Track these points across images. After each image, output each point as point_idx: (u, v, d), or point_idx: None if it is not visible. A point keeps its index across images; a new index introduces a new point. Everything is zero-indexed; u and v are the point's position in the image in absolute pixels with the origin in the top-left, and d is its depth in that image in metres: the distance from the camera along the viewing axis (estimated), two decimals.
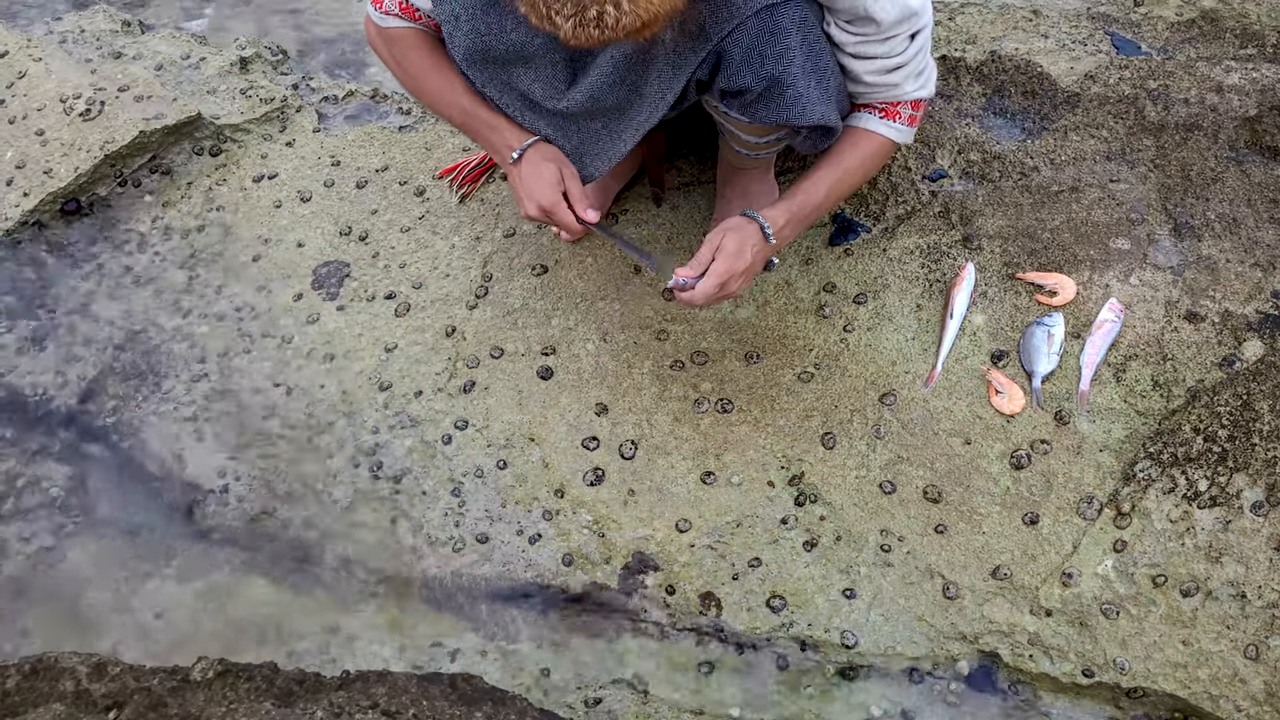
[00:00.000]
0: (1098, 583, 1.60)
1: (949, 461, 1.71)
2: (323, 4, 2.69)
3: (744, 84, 1.45)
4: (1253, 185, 1.89)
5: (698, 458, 1.77)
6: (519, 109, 1.59)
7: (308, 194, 2.16)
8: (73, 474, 1.87)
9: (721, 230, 1.55)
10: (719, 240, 1.54)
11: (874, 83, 1.53)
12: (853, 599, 1.65)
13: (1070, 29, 2.22)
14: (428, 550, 1.75)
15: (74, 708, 1.53)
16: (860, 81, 1.53)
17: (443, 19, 1.48)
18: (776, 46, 1.41)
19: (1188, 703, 1.52)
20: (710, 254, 1.53)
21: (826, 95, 1.49)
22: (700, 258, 1.54)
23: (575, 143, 1.60)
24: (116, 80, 2.28)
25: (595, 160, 1.62)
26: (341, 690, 1.56)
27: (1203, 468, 1.64)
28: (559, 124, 1.59)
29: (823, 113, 1.49)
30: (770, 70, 1.43)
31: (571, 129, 1.59)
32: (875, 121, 1.58)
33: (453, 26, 1.47)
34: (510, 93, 1.57)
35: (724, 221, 1.58)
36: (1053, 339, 1.75)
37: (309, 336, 1.97)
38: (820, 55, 1.47)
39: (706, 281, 1.52)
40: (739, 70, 1.43)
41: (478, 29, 1.45)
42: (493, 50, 1.48)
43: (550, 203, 1.58)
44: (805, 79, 1.45)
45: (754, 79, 1.44)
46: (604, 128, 1.57)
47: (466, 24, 1.45)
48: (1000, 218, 1.90)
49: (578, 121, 1.58)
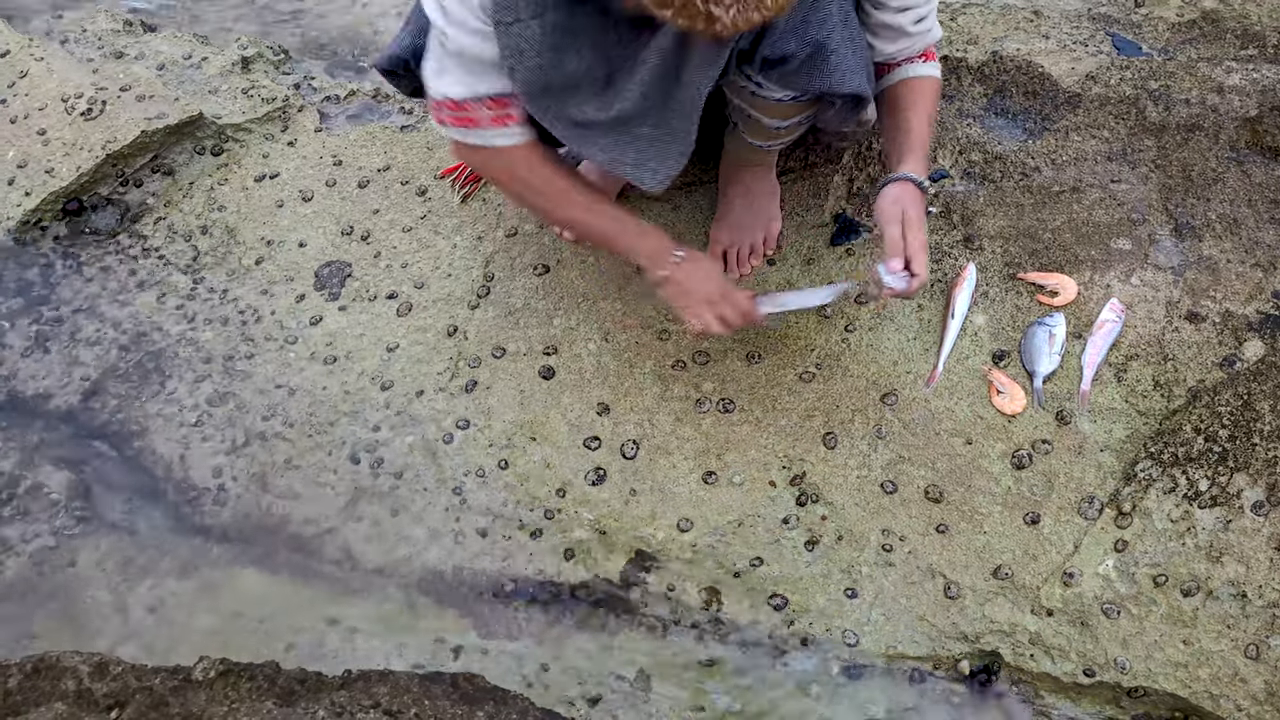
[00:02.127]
0: (1099, 582, 1.60)
1: (950, 461, 1.72)
2: (325, 4, 2.69)
3: (788, 50, 1.45)
4: (1253, 185, 1.89)
5: (699, 457, 1.77)
6: (575, 137, 1.56)
7: (309, 194, 2.16)
8: (74, 474, 1.87)
9: (895, 203, 1.55)
10: (899, 214, 1.54)
11: (915, 32, 1.57)
12: (854, 598, 1.65)
13: (1071, 30, 2.22)
14: (430, 547, 1.76)
15: (75, 707, 1.53)
16: (906, 35, 1.57)
17: (505, 51, 1.45)
18: (819, 13, 1.42)
19: (1188, 702, 1.52)
20: (899, 232, 1.54)
21: (861, 64, 1.51)
22: (892, 240, 1.54)
23: (634, 154, 1.57)
24: (118, 80, 2.28)
25: (661, 163, 1.58)
26: (343, 689, 1.56)
27: (1203, 468, 1.64)
28: (614, 139, 1.56)
29: (859, 82, 1.51)
30: (814, 35, 1.43)
31: (626, 141, 1.56)
32: (924, 67, 1.62)
33: (515, 60, 1.44)
34: (563, 122, 1.54)
35: (886, 192, 1.57)
36: (1054, 339, 1.75)
37: (311, 336, 1.97)
38: (854, 25, 1.51)
39: (919, 259, 1.53)
40: (783, 37, 1.44)
41: (540, 64, 1.44)
42: (552, 83, 1.47)
43: (721, 290, 1.62)
44: (845, 46, 1.47)
45: (798, 45, 1.44)
46: (654, 128, 1.54)
47: (532, 59, 1.43)
48: (1001, 218, 1.90)
49: (630, 131, 1.55)
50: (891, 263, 1.53)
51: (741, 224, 1.90)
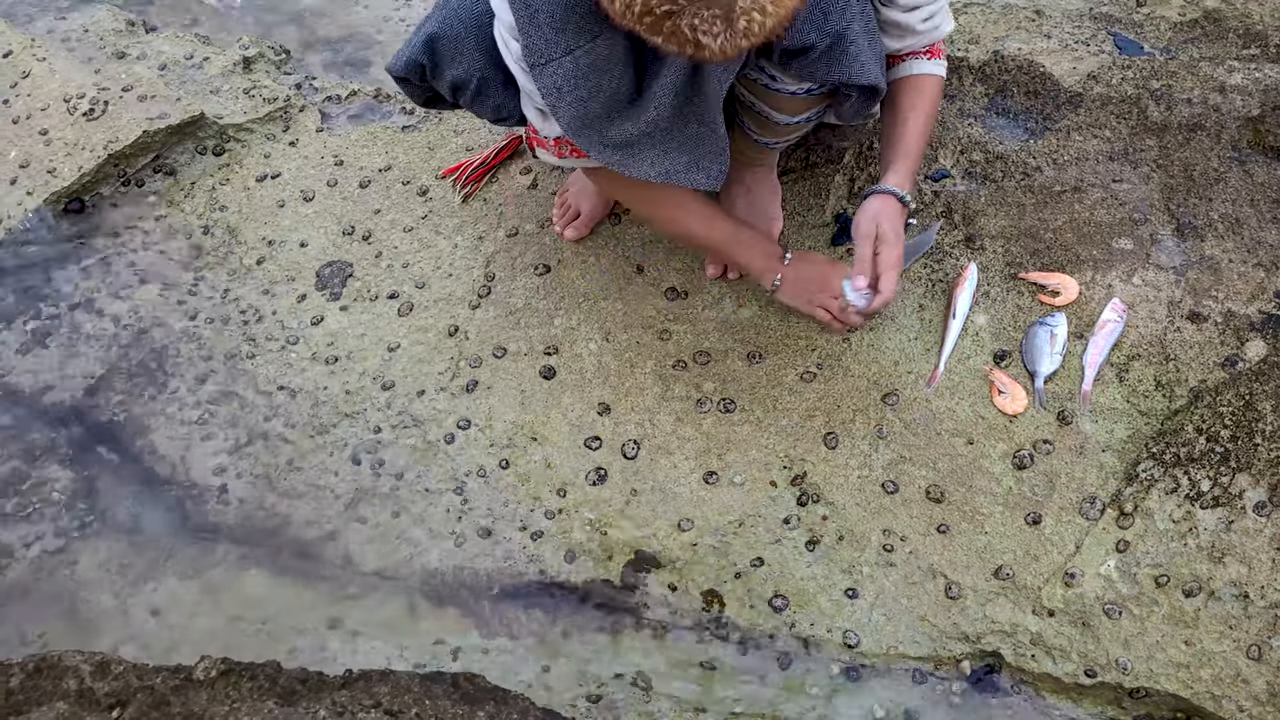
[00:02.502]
0: (1100, 583, 1.60)
1: (951, 461, 1.71)
2: (326, 4, 2.69)
3: (809, 40, 1.45)
4: (1255, 185, 1.89)
5: (700, 457, 1.77)
6: (623, 160, 1.54)
7: (311, 194, 2.16)
8: (76, 473, 1.88)
9: (870, 220, 1.56)
10: (873, 230, 1.55)
11: (923, 29, 1.58)
12: (855, 599, 1.65)
13: (1073, 29, 2.22)
14: (430, 548, 1.76)
15: (77, 706, 1.53)
16: (913, 32, 1.58)
17: (545, 92, 1.45)
18: (839, 3, 1.43)
19: (1190, 703, 1.52)
20: (869, 250, 1.55)
21: (876, 56, 1.52)
22: (861, 257, 1.55)
23: (687, 157, 1.56)
24: (120, 80, 2.29)
25: (712, 160, 1.58)
26: (344, 689, 1.56)
27: (1205, 468, 1.64)
28: (662, 150, 1.54)
29: (876, 74, 1.51)
30: (834, 26, 1.44)
31: (674, 146, 1.54)
32: (928, 64, 1.63)
33: (555, 99, 1.45)
34: (610, 148, 1.53)
35: (866, 205, 1.58)
36: (1055, 339, 1.75)
37: (313, 337, 1.97)
38: (870, 17, 1.51)
39: (886, 278, 1.55)
40: (803, 28, 1.43)
41: (580, 96, 1.44)
42: (592, 113, 1.47)
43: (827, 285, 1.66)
44: (863, 37, 1.47)
45: (818, 35, 1.44)
46: (699, 124, 1.53)
47: (570, 93, 1.43)
48: (1003, 218, 1.90)
49: (675, 134, 1.53)
50: (857, 280, 1.56)
51: None
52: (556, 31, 1.39)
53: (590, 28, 1.37)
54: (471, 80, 1.62)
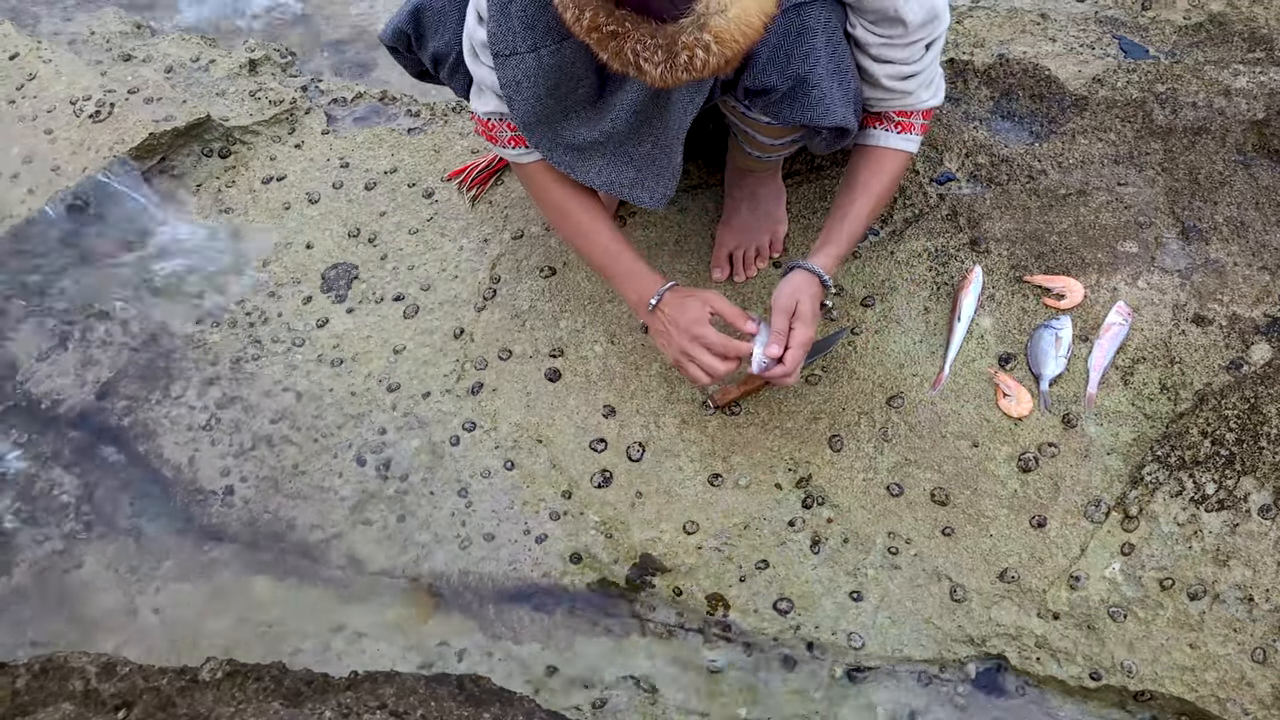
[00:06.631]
0: (1105, 586, 1.60)
1: (956, 464, 1.72)
2: (331, 6, 2.70)
3: (770, 83, 1.45)
4: (1260, 189, 1.89)
5: (705, 460, 1.77)
6: (572, 162, 1.57)
7: (316, 196, 2.16)
8: (83, 475, 1.88)
9: (790, 295, 1.56)
10: (792, 306, 1.55)
11: (891, 88, 1.53)
12: (860, 601, 1.65)
13: (1078, 33, 2.22)
14: (435, 550, 1.76)
15: (83, 707, 1.53)
16: (879, 86, 1.53)
17: (503, 83, 1.48)
18: (803, 46, 1.41)
19: (1195, 706, 1.52)
20: (785, 322, 1.55)
21: (847, 97, 1.49)
22: (777, 330, 1.55)
23: (632, 173, 1.58)
24: (126, 82, 2.29)
25: (658, 181, 1.58)
26: (349, 691, 1.56)
27: (1210, 471, 1.64)
28: (611, 161, 1.56)
29: (844, 115, 1.49)
30: (796, 70, 1.43)
31: (623, 162, 1.56)
32: (894, 138, 1.59)
33: (513, 91, 1.48)
34: (560, 148, 1.56)
35: (789, 278, 1.58)
36: (1060, 342, 1.75)
37: (318, 339, 1.98)
38: (843, 57, 1.47)
39: (793, 355, 1.55)
40: (765, 69, 1.43)
41: (537, 94, 1.47)
42: (548, 113, 1.50)
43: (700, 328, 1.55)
44: (829, 80, 1.45)
45: (780, 78, 1.44)
46: (652, 147, 1.54)
47: (528, 89, 1.46)
48: (1008, 221, 1.90)
49: (626, 152, 1.55)
50: (771, 349, 1.55)
51: (747, 227, 1.90)
52: (526, 27, 1.41)
53: (560, 29, 1.36)
54: (451, 53, 1.65)
